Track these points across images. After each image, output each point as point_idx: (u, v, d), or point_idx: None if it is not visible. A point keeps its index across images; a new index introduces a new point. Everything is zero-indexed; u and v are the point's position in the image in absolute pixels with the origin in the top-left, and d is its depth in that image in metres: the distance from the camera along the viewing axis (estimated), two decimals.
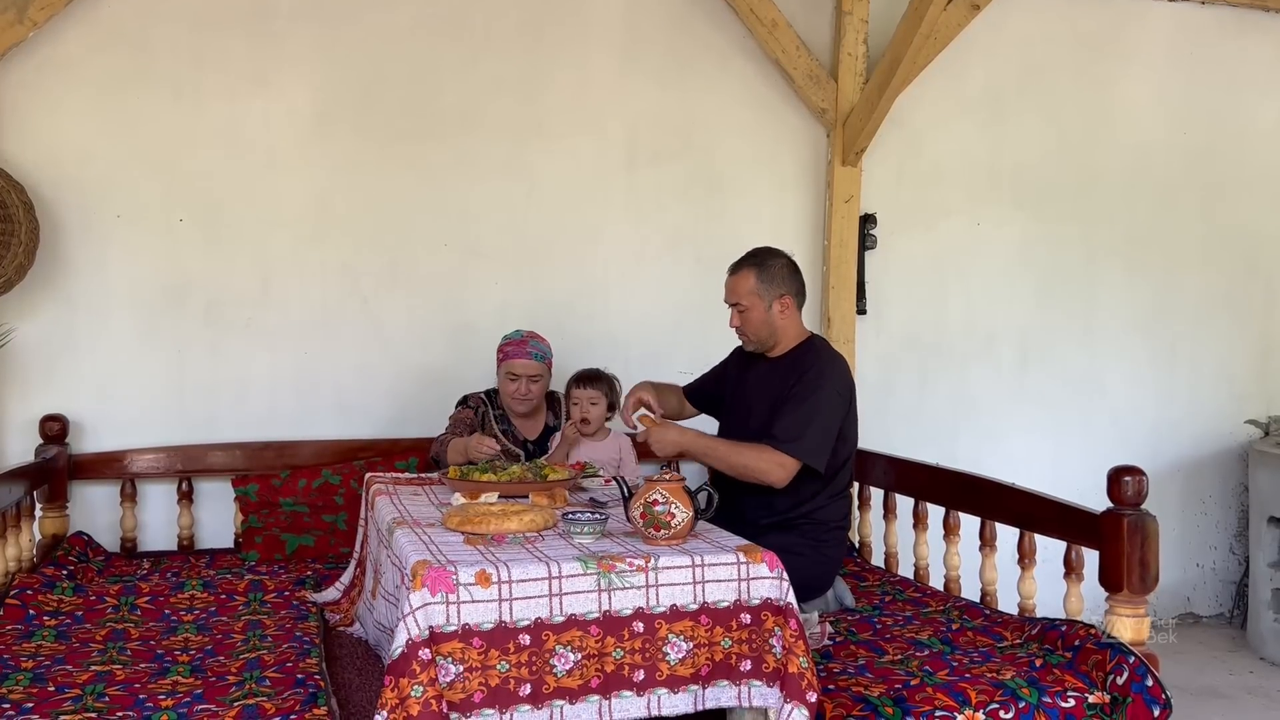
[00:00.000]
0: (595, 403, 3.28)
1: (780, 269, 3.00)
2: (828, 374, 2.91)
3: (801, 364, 2.96)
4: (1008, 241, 4.48)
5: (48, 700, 2.27)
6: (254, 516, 3.59)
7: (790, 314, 3.01)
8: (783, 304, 2.99)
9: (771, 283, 2.97)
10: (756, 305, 2.98)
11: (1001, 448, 4.39)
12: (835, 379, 2.92)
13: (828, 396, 2.87)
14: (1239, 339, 4.78)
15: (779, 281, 2.98)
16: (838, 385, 2.92)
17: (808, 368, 2.93)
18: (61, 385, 3.60)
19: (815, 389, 2.86)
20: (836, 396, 2.90)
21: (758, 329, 3.01)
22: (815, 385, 2.87)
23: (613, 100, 4.05)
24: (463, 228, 3.93)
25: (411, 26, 3.85)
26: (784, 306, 2.99)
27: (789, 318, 3.01)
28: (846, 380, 2.98)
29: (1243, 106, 4.72)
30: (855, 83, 4.15)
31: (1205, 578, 4.81)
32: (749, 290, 2.98)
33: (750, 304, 2.98)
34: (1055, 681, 2.41)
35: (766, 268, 2.99)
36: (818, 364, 2.93)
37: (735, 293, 3.02)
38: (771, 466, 2.79)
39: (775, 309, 2.98)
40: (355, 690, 2.44)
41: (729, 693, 2.14)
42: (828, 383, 2.88)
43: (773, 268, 2.99)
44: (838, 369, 2.97)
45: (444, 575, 2.00)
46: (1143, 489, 2.55)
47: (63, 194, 3.58)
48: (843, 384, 2.95)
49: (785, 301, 2.99)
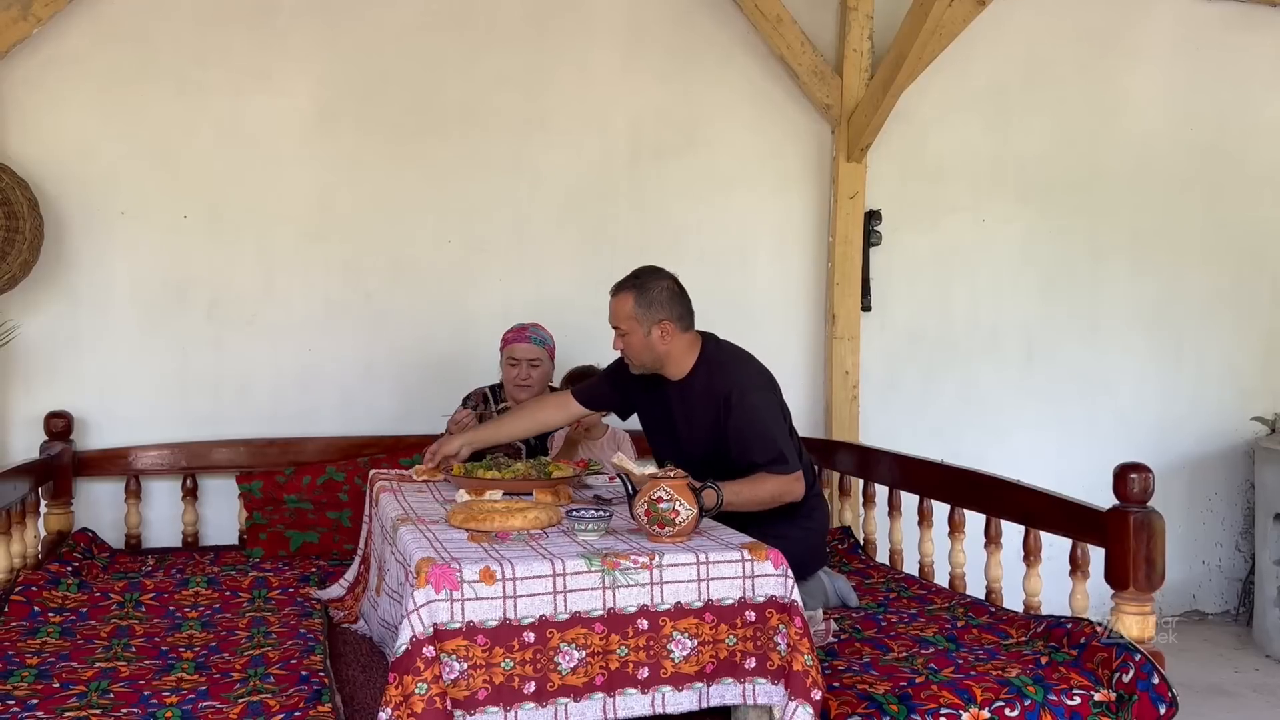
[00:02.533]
0: None
1: (660, 292, 2.86)
2: (747, 385, 2.84)
3: (714, 387, 2.86)
4: (1012, 238, 4.47)
5: (53, 697, 2.27)
6: (258, 513, 3.59)
7: (671, 338, 2.87)
8: (662, 329, 2.85)
9: (650, 308, 2.84)
10: (635, 330, 2.85)
11: (1006, 444, 4.38)
12: (754, 385, 2.87)
13: (763, 404, 2.82)
14: (1245, 335, 4.77)
15: (658, 306, 2.84)
16: (760, 387, 2.87)
17: (726, 391, 2.83)
18: (66, 382, 3.61)
19: (751, 407, 2.79)
20: (767, 397, 2.86)
21: (639, 354, 2.90)
22: (749, 404, 2.80)
23: (616, 96, 4.04)
24: (466, 223, 3.92)
25: (414, 22, 3.84)
26: (664, 332, 2.85)
27: (670, 342, 2.88)
28: (760, 374, 2.93)
29: (1248, 102, 4.71)
30: (860, 78, 4.14)
31: (1211, 575, 4.80)
32: (627, 315, 2.86)
33: (629, 329, 2.86)
34: (1061, 679, 2.40)
35: (645, 290, 2.85)
36: (731, 382, 2.84)
37: (615, 316, 2.90)
38: (793, 486, 2.77)
39: (655, 334, 2.85)
40: (359, 687, 2.44)
41: (734, 690, 2.14)
42: (752, 392, 2.83)
43: (651, 290, 2.85)
44: (748, 372, 2.91)
45: (448, 572, 2.00)
46: (1149, 486, 2.54)
47: (67, 190, 3.58)
48: (761, 382, 2.90)
49: (665, 327, 2.85)
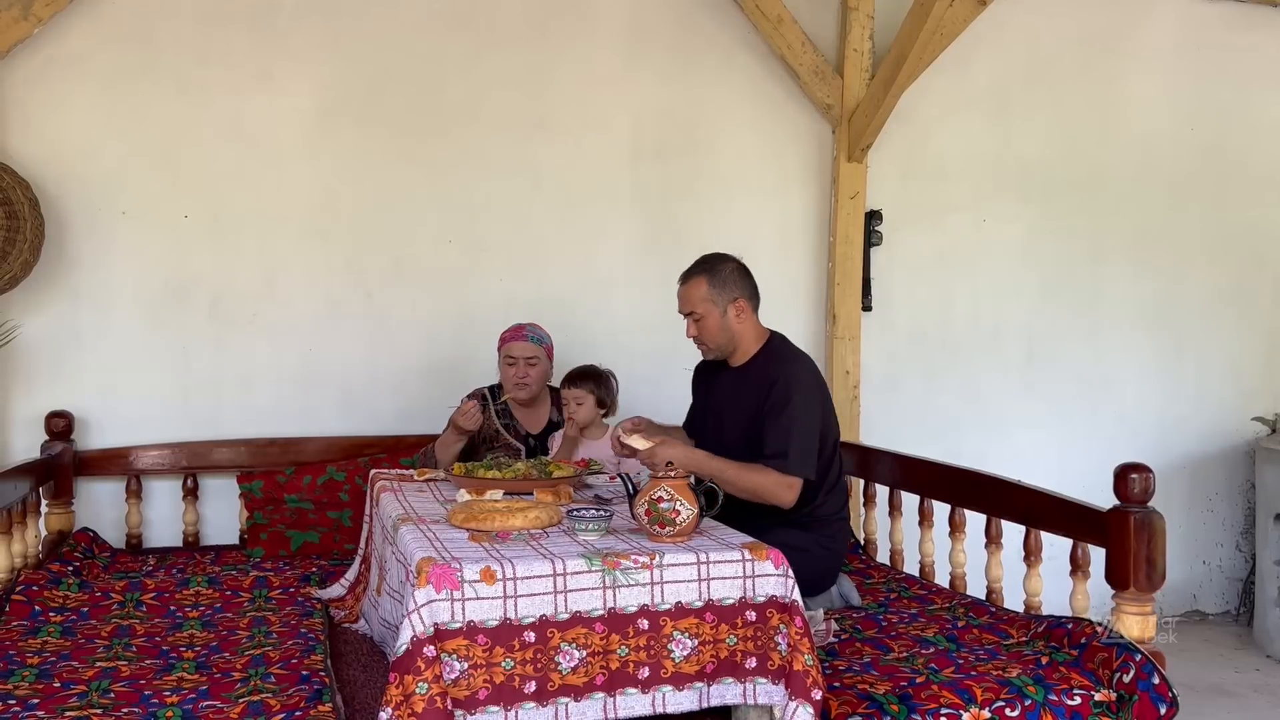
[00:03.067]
0: (581, 402, 3.30)
1: (731, 273, 2.95)
2: (796, 381, 2.86)
3: (768, 373, 2.90)
4: (1014, 238, 4.47)
5: (53, 696, 2.27)
6: (259, 513, 3.60)
7: (746, 317, 2.96)
8: (738, 308, 2.94)
9: (723, 287, 2.92)
10: (711, 312, 2.93)
11: (1007, 444, 4.38)
12: (804, 384, 2.87)
13: (802, 404, 2.82)
14: (1246, 335, 4.77)
15: (731, 285, 2.93)
16: (808, 388, 2.88)
17: (775, 378, 2.87)
18: (67, 381, 3.61)
19: (788, 400, 2.81)
20: (810, 401, 2.86)
21: (715, 336, 2.96)
22: (787, 397, 2.82)
23: (617, 95, 4.04)
24: (467, 223, 3.92)
25: (416, 21, 3.84)
26: (739, 310, 2.94)
27: (745, 321, 2.96)
28: (815, 379, 2.95)
29: (1250, 102, 4.71)
30: (861, 78, 4.14)
31: (1212, 575, 4.80)
32: (702, 298, 2.93)
33: (705, 311, 2.93)
34: (1061, 679, 2.40)
35: (717, 273, 2.94)
36: (783, 373, 2.88)
37: (689, 301, 2.96)
38: (780, 489, 2.76)
39: (731, 313, 2.93)
40: (360, 687, 2.44)
41: (734, 690, 2.14)
42: (797, 390, 2.84)
43: (722, 271, 2.94)
44: (803, 371, 2.93)
45: (449, 572, 2.00)
46: (1150, 486, 2.54)
47: (68, 190, 3.58)
48: (812, 385, 2.91)
49: (740, 305, 2.94)
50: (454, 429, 3.36)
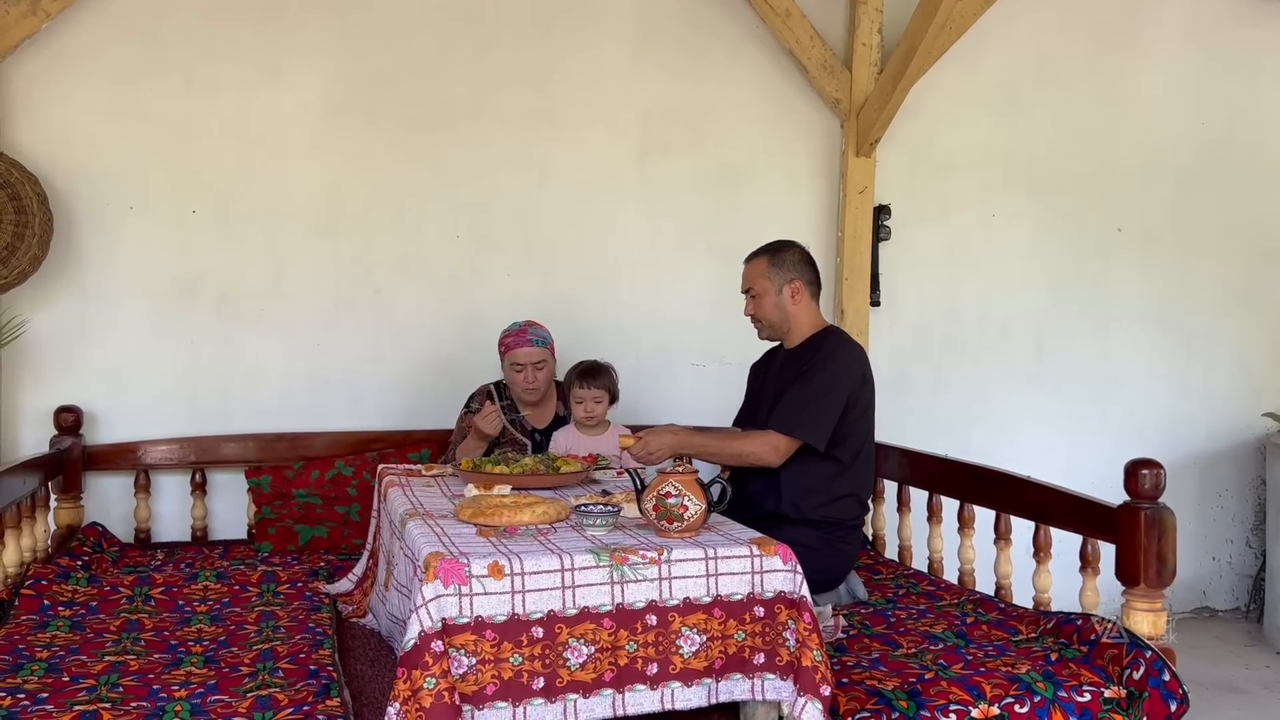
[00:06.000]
0: (600, 401, 3.35)
1: (792, 256, 3.06)
2: (834, 357, 2.93)
3: (814, 354, 2.97)
4: (1022, 233, 4.45)
5: (62, 690, 2.27)
6: (267, 508, 3.60)
7: (802, 300, 3.04)
8: (793, 288, 3.02)
9: (781, 267, 3.03)
10: (767, 290, 3.04)
11: (1015, 440, 4.36)
12: (842, 363, 2.93)
13: (829, 376, 2.89)
14: (1256, 331, 4.74)
15: (789, 267, 3.04)
16: (843, 367, 2.93)
17: (817, 351, 2.96)
18: (75, 376, 3.61)
19: (817, 370, 2.90)
20: (840, 377, 2.91)
21: (770, 314, 3.05)
22: (818, 366, 2.90)
23: (624, 91, 4.03)
24: (474, 219, 3.92)
25: (423, 17, 3.84)
26: (795, 291, 3.02)
27: (801, 304, 3.04)
28: (857, 365, 2.98)
29: (1259, 96, 4.68)
30: (869, 73, 4.12)
31: (1221, 571, 4.78)
32: (760, 275, 3.05)
33: (761, 289, 3.04)
34: (1071, 676, 2.39)
35: (779, 255, 3.06)
36: (826, 348, 2.96)
37: (748, 278, 3.10)
38: (764, 449, 2.84)
39: (786, 294, 3.03)
40: (368, 682, 2.44)
41: (742, 686, 2.14)
42: (830, 363, 2.91)
43: (783, 253, 3.06)
44: (848, 354, 2.98)
45: (457, 567, 2.00)
46: (1160, 482, 2.53)
47: (76, 185, 3.58)
48: (851, 367, 2.95)
49: (796, 286, 3.02)
50: (476, 434, 3.34)
